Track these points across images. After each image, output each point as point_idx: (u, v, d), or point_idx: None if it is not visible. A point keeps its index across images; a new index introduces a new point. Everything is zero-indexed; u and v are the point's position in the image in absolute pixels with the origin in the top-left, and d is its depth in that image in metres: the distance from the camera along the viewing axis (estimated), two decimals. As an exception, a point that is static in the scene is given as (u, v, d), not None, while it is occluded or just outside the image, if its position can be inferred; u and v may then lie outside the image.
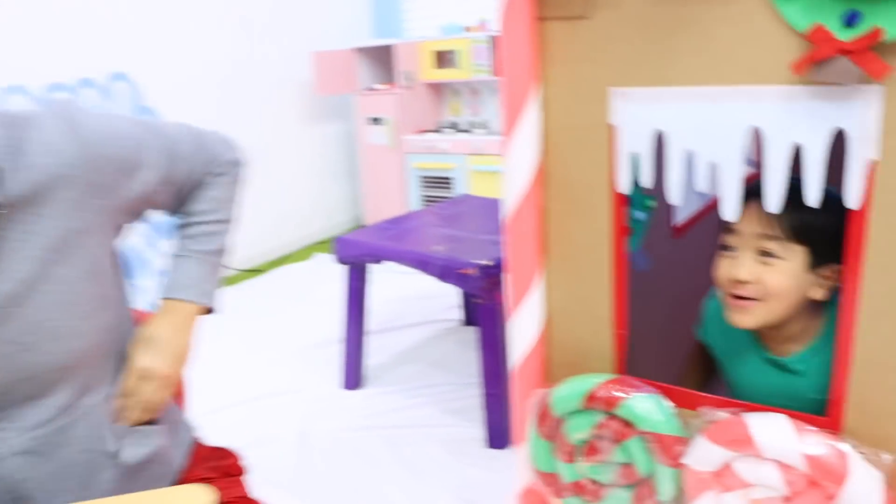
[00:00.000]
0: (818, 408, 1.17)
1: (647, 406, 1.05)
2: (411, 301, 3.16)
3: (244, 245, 3.99)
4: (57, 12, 3.17)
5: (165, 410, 1.04)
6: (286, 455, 2.08)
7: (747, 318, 1.14)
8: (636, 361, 1.18)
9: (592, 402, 1.08)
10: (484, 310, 1.93)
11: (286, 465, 2.03)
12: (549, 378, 1.21)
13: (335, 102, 4.51)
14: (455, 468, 1.96)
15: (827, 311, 1.18)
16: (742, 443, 0.95)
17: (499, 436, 2.02)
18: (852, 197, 0.87)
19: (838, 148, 0.87)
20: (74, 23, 3.22)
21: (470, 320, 2.86)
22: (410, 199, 4.16)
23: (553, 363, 1.20)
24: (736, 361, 1.29)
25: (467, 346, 2.64)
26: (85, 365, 0.93)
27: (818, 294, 1.13)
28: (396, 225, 2.45)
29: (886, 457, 0.90)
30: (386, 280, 3.14)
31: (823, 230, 1.06)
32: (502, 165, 1.10)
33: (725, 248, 1.16)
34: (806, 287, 1.13)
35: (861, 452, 0.90)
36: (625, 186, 1.03)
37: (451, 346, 2.71)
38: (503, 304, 1.73)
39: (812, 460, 0.90)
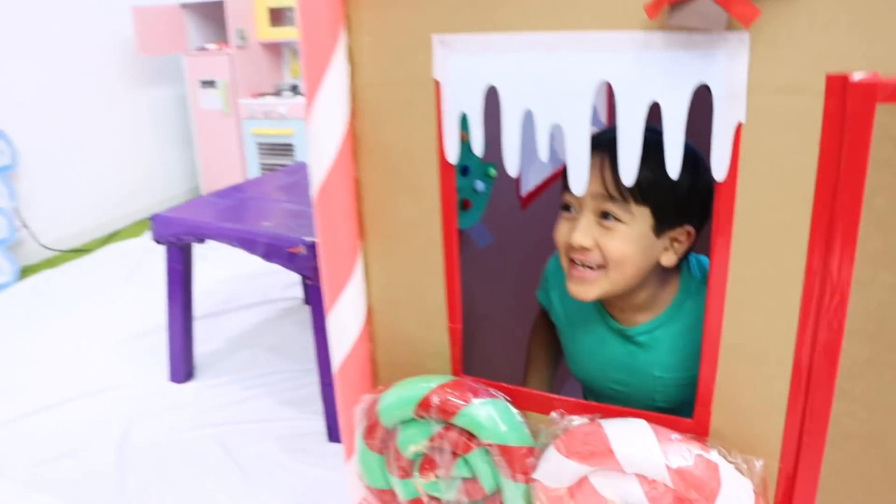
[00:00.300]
0: (661, 386, 1.06)
1: (490, 413, 0.89)
2: (248, 279, 2.90)
3: (66, 222, 3.62)
4: None
5: None
6: (105, 466, 1.81)
7: (587, 289, 0.98)
8: (480, 357, 1.02)
9: (426, 409, 0.91)
10: (317, 291, 1.73)
11: (104, 478, 1.77)
12: (377, 381, 1.03)
13: (163, 64, 4.10)
14: (293, 468, 1.76)
15: (680, 278, 1.06)
16: (600, 455, 0.81)
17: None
18: (719, 166, 0.73)
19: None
20: None
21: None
22: (250, 168, 3.87)
23: (380, 363, 1.02)
24: (577, 329, 1.15)
25: (308, 329, 2.43)
26: None
27: (668, 260, 1.00)
28: (224, 198, 2.19)
29: (759, 463, 0.79)
30: (220, 256, 2.87)
31: (672, 189, 0.91)
32: (307, 132, 0.90)
33: (565, 207, 1.01)
34: (654, 253, 0.99)
35: (731, 462, 0.78)
36: (453, 154, 0.86)
37: (291, 329, 2.49)
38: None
39: (679, 474, 0.77)
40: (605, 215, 0.96)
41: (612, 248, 0.95)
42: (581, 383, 1.20)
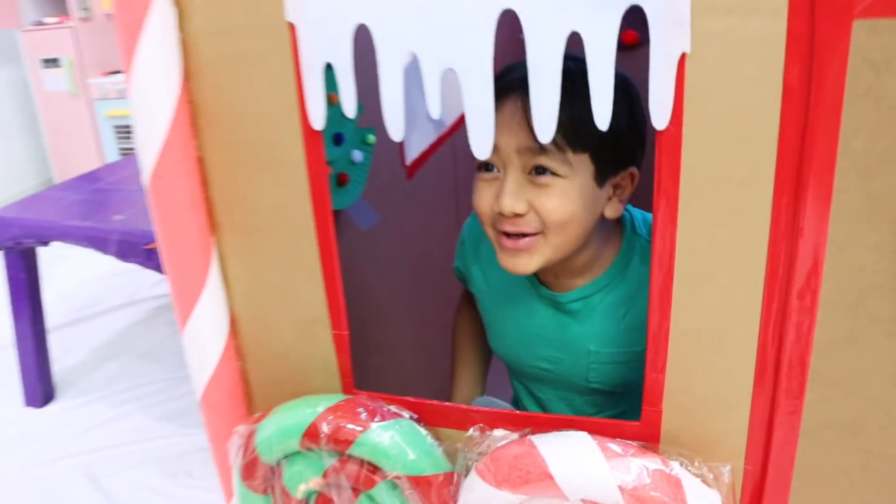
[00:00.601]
0: (597, 363, 0.93)
1: (394, 438, 0.72)
2: (110, 278, 2.64)
3: None
4: None
5: None
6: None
7: (526, 261, 0.82)
8: (378, 366, 0.84)
9: (315, 440, 0.73)
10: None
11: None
12: (252, 406, 0.84)
13: (-4, 42, 3.69)
14: (176, 494, 1.56)
15: (623, 234, 0.91)
16: (536, 481, 0.65)
17: (229, 441, 1.63)
18: (659, 110, 0.57)
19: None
20: None
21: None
22: (108, 154, 3.55)
23: (254, 384, 0.84)
24: (500, 300, 1.00)
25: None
26: None
27: (613, 211, 0.85)
28: (72, 190, 1.93)
29: (727, 469, 0.65)
30: (77, 254, 2.57)
31: (612, 127, 0.75)
32: (129, 105, 0.69)
33: (484, 167, 0.84)
34: (598, 206, 0.83)
35: (695, 473, 0.64)
36: (319, 118, 0.66)
37: (164, 330, 2.27)
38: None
39: (635, 496, 0.62)
40: (537, 171, 0.79)
41: (552, 208, 0.79)
42: (507, 365, 1.05)
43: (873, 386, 0.63)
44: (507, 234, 0.82)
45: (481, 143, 0.62)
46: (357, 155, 0.96)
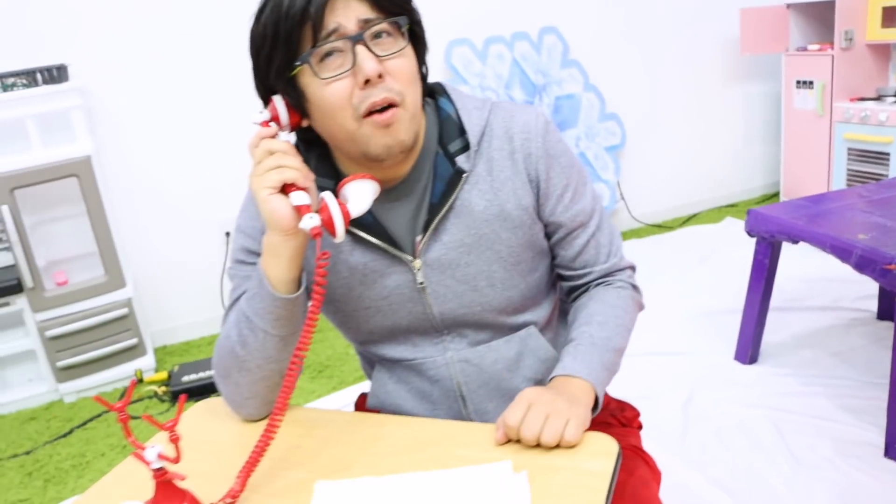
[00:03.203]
0: None
1: None
2: (819, 282, 2.98)
3: (653, 200, 4.13)
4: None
5: None
6: (671, 418, 2.16)
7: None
8: None
9: None
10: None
11: (671, 428, 2.11)
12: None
13: (761, 62, 4.31)
14: (842, 469, 1.86)
15: None
16: None
17: (900, 447, 1.86)
18: None
19: None
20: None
21: (885, 314, 2.61)
22: (835, 173, 3.84)
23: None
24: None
25: (877, 343, 2.45)
26: (515, 310, 1.10)
27: None
28: (816, 203, 2.32)
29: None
30: (793, 255, 3.00)
31: None
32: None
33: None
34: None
35: None
36: None
37: (857, 340, 2.51)
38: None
39: None
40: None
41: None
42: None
43: None
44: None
45: None
46: None
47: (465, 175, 1.01)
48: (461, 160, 1.02)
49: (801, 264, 3.07)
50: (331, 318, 1.15)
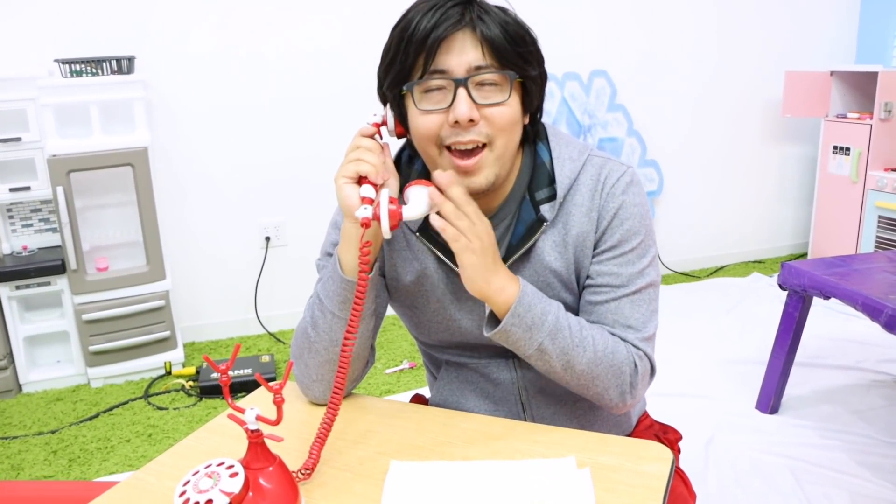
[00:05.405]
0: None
1: None
2: (843, 342, 3.05)
3: (683, 248, 4.22)
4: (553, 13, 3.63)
5: None
6: (693, 456, 2.22)
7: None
8: None
9: None
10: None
11: (691, 466, 2.17)
12: None
13: (801, 125, 4.40)
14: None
15: None
16: None
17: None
18: None
19: None
20: (562, 23, 3.71)
21: (907, 379, 2.67)
22: (863, 238, 3.92)
23: None
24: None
25: (897, 405, 2.51)
26: None
27: None
28: (846, 263, 2.40)
29: None
30: (820, 314, 3.07)
31: None
32: None
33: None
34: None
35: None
36: None
37: (878, 400, 2.58)
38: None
39: None
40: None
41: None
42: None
43: None
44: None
45: None
46: None
47: (545, 224, 1.08)
48: (545, 209, 1.07)
49: (826, 323, 3.15)
50: (406, 321, 1.24)
